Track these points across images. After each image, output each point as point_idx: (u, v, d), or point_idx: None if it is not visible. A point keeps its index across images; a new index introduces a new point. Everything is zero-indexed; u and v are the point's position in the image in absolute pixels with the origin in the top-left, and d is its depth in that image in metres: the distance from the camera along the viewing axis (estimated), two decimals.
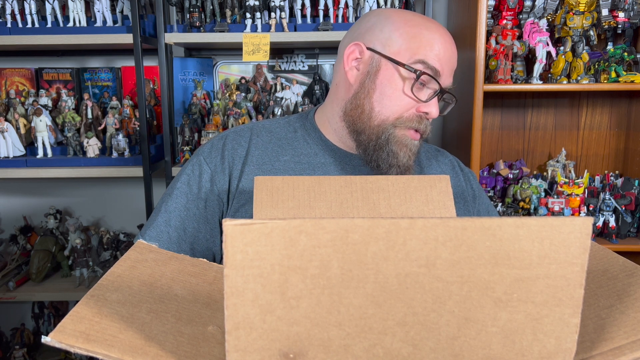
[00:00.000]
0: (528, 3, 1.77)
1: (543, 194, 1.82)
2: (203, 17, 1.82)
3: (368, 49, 0.93)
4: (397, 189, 0.79)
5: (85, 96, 1.95)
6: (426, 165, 1.05)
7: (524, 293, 0.43)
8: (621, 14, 1.71)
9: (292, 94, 1.93)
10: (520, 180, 1.86)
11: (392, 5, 1.79)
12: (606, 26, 1.74)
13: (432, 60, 0.89)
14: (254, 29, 1.78)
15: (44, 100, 1.95)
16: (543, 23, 1.72)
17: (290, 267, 0.42)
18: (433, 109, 0.90)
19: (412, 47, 0.90)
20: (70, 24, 1.80)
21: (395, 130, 0.91)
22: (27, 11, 1.78)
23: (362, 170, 0.97)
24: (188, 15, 1.79)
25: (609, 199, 1.75)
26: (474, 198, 1.06)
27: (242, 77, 2.02)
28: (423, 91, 0.91)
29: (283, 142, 1.00)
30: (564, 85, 1.72)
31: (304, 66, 2.05)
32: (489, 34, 1.73)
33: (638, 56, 1.80)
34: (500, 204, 1.82)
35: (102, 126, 1.91)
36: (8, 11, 1.79)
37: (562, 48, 1.76)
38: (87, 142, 1.87)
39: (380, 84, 0.92)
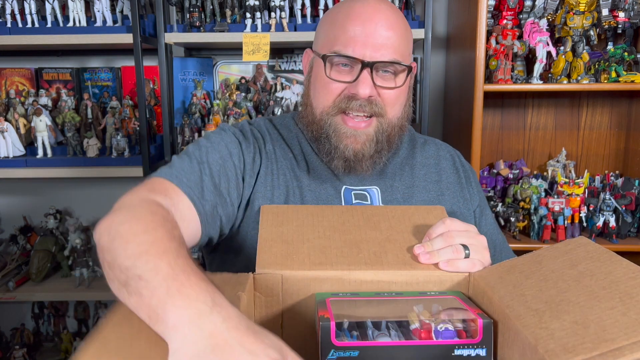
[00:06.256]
0: (528, 3, 1.77)
1: (543, 193, 1.82)
2: (203, 17, 1.82)
3: (312, 51, 0.99)
4: (396, 215, 0.84)
5: (85, 96, 1.95)
6: (419, 164, 1.05)
7: None
8: (621, 14, 1.71)
9: (292, 94, 1.92)
10: (521, 180, 1.86)
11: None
12: (606, 26, 1.74)
13: (344, 43, 0.89)
14: (254, 28, 1.78)
15: (44, 100, 1.95)
16: (543, 23, 1.72)
17: None
18: (360, 88, 0.88)
19: (330, 38, 0.92)
20: (70, 23, 1.80)
21: (334, 118, 0.92)
22: (27, 11, 1.78)
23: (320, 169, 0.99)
24: (188, 15, 1.79)
25: (609, 199, 1.75)
26: (476, 207, 1.05)
27: (242, 77, 2.02)
28: (350, 74, 0.90)
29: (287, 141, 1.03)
30: (564, 85, 1.72)
31: None
32: (489, 33, 1.73)
33: (638, 56, 1.80)
34: (500, 204, 1.82)
35: (102, 126, 1.91)
36: (8, 11, 1.78)
37: (562, 48, 1.76)
38: (87, 142, 1.87)
39: (313, 80, 0.96)
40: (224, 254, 0.96)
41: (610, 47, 1.85)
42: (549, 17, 1.78)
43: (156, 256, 0.58)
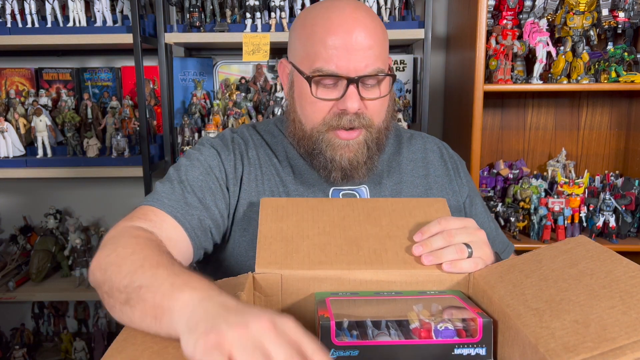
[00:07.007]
0: (528, 3, 1.77)
1: (543, 193, 1.82)
2: (203, 17, 1.82)
3: (289, 62, 0.96)
4: (397, 208, 0.83)
5: (85, 96, 1.94)
6: (407, 158, 1.04)
7: None
8: (621, 14, 1.71)
9: None
10: (521, 180, 1.86)
11: (392, 4, 1.79)
12: (606, 26, 1.74)
13: (325, 59, 0.87)
14: (254, 28, 1.78)
15: (44, 100, 1.95)
16: (543, 23, 1.72)
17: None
18: (348, 103, 0.87)
19: (309, 54, 0.89)
20: (70, 23, 1.80)
21: (326, 134, 0.91)
22: (27, 11, 1.78)
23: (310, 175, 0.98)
24: (188, 15, 1.79)
25: (609, 199, 1.75)
26: (464, 195, 1.05)
27: (242, 77, 2.02)
28: (336, 89, 0.89)
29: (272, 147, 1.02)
30: (564, 85, 1.72)
31: None
32: (489, 34, 1.73)
33: (638, 56, 1.80)
34: (500, 204, 1.82)
35: (102, 126, 1.91)
36: (8, 11, 1.78)
37: (562, 48, 1.76)
38: (87, 142, 1.87)
39: (298, 96, 0.94)
40: (213, 264, 0.96)
41: (610, 47, 1.85)
42: (549, 17, 1.78)
43: (151, 268, 0.60)
